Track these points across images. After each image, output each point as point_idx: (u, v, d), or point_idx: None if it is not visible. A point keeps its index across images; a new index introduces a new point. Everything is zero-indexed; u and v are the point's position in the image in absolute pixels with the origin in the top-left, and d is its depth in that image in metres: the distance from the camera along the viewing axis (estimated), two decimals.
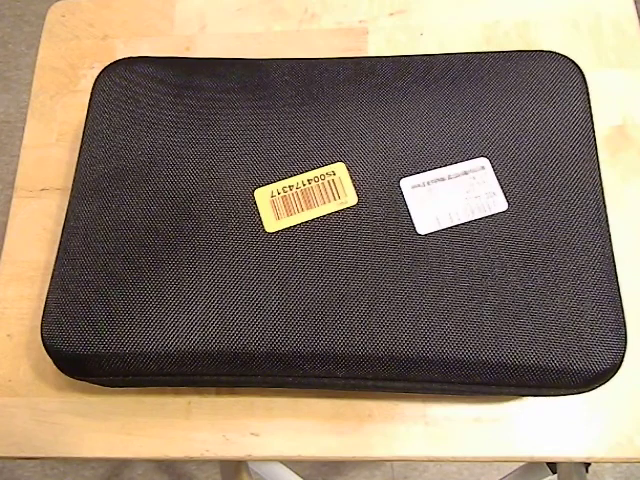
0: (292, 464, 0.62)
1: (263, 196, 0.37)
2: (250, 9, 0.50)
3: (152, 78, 0.40)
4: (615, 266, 0.34)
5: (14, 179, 0.45)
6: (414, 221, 0.36)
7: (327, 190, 0.37)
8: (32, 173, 0.45)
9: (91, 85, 0.47)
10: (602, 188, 0.36)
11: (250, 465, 0.52)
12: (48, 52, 0.49)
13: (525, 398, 0.37)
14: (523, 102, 0.38)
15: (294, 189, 0.37)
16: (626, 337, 0.33)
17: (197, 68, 0.41)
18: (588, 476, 0.46)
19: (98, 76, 0.41)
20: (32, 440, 0.38)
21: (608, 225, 0.35)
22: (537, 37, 0.46)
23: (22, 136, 0.47)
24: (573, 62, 0.39)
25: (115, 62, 0.41)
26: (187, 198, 0.37)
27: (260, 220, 0.36)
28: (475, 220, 0.36)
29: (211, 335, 0.34)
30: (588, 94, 0.38)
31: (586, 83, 0.39)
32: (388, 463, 0.89)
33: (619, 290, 0.34)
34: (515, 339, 0.33)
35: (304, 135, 0.38)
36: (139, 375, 0.35)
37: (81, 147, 0.39)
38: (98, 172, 0.38)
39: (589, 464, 0.47)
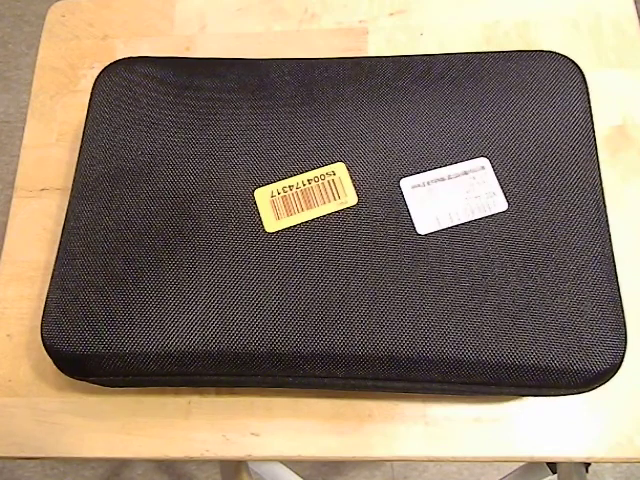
0: (292, 464, 0.62)
1: (263, 196, 0.37)
2: (250, 9, 0.50)
3: (152, 78, 0.40)
4: (615, 266, 0.34)
5: (14, 179, 0.45)
6: (414, 221, 0.36)
7: (327, 190, 0.37)
8: (32, 173, 0.45)
9: (91, 85, 0.47)
10: (602, 188, 0.36)
11: (250, 465, 0.52)
12: (48, 52, 0.49)
13: (525, 398, 0.37)
14: (523, 102, 0.38)
15: (294, 189, 0.37)
16: (626, 337, 0.33)
17: (197, 68, 0.41)
18: (588, 476, 0.46)
19: (98, 76, 0.41)
20: (32, 440, 0.38)
21: (608, 225, 0.35)
22: (537, 37, 0.46)
23: (22, 136, 0.47)
24: (573, 62, 0.39)
25: (115, 62, 0.41)
26: (187, 198, 0.37)
27: (260, 220, 0.36)
28: (475, 220, 0.36)
29: (211, 335, 0.34)
30: (588, 94, 0.38)
31: (586, 83, 0.39)
32: (388, 463, 0.89)
33: (619, 290, 0.34)
34: (515, 339, 0.33)
35: (304, 135, 0.38)
36: (139, 375, 0.35)
37: (81, 147, 0.39)
38: (98, 172, 0.38)
39: (589, 464, 0.47)
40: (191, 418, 0.38)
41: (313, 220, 0.36)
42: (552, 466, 0.48)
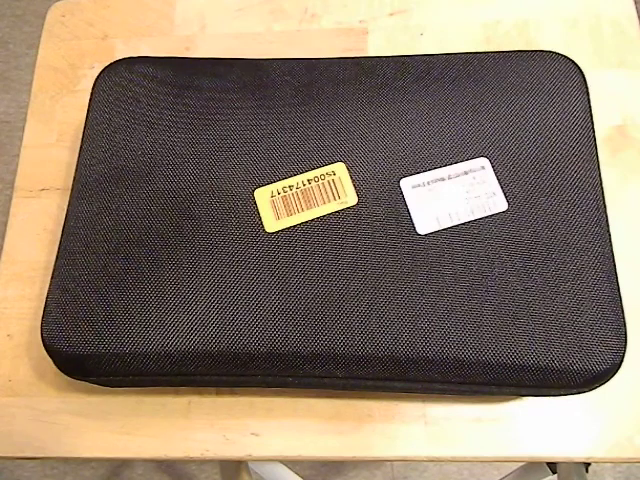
0: (292, 464, 0.62)
1: (263, 196, 0.37)
2: (250, 9, 0.50)
3: (152, 78, 0.40)
4: (615, 266, 0.34)
5: (14, 179, 0.45)
6: (414, 221, 0.36)
7: (327, 190, 0.37)
8: (32, 173, 0.45)
9: (91, 85, 0.46)
10: (602, 188, 0.36)
11: (250, 465, 0.52)
12: (48, 52, 0.49)
13: (525, 398, 0.37)
14: (523, 102, 0.38)
15: (294, 189, 0.37)
16: (626, 337, 0.33)
17: (197, 68, 0.41)
18: (588, 476, 0.46)
19: (98, 76, 0.41)
20: (32, 440, 0.38)
21: (608, 225, 0.35)
22: (537, 37, 0.46)
23: (22, 136, 0.47)
24: (573, 62, 0.39)
25: (115, 62, 0.41)
26: (187, 198, 0.37)
27: (260, 220, 0.36)
28: (475, 220, 0.36)
29: (211, 335, 0.34)
30: (588, 94, 0.38)
31: (586, 83, 0.39)
32: (388, 463, 0.89)
33: (619, 290, 0.34)
34: (515, 339, 0.33)
35: (304, 135, 0.38)
36: (139, 375, 0.35)
37: (81, 147, 0.39)
38: (98, 172, 0.38)
39: (589, 464, 0.47)
40: (191, 418, 0.38)
41: (313, 220, 0.36)
42: (552, 466, 0.48)
